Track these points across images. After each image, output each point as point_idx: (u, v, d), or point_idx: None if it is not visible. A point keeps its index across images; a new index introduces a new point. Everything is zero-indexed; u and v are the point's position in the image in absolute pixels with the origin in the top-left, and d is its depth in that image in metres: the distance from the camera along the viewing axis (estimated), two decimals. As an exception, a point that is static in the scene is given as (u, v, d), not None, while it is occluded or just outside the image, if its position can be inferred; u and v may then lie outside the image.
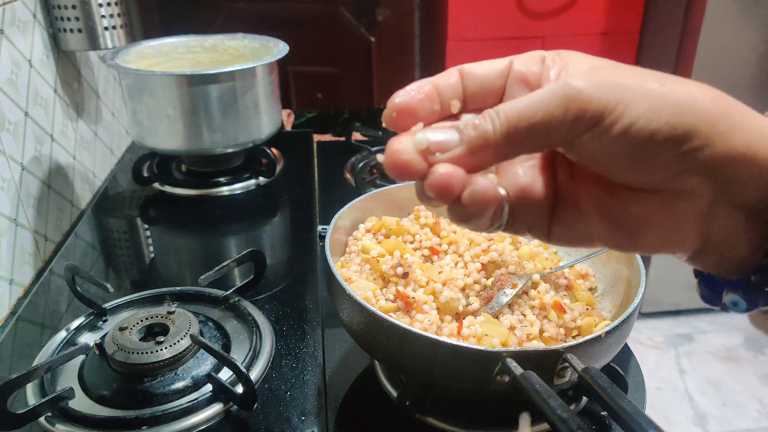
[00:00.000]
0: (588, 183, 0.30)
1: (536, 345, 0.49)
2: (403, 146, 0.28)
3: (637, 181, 0.28)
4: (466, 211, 0.28)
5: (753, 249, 0.28)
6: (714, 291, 0.30)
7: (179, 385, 0.54)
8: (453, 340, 0.45)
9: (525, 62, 0.31)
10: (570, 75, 0.28)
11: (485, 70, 0.31)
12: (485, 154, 0.27)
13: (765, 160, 0.26)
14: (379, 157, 0.30)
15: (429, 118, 0.30)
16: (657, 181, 0.27)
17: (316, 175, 1.04)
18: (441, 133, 0.28)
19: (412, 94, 0.30)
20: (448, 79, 0.30)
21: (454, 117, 0.31)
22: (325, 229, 0.57)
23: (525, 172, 0.31)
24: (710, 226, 0.28)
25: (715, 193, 0.27)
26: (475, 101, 0.31)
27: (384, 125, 0.30)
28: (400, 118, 0.30)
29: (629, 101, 0.25)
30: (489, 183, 0.28)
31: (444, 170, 0.27)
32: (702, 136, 0.25)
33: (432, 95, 0.30)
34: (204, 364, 0.56)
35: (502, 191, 0.29)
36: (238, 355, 0.58)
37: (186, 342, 0.55)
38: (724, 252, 0.29)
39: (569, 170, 0.31)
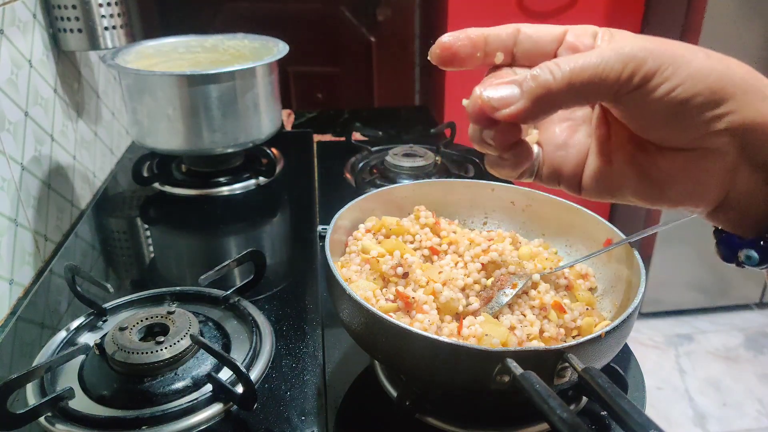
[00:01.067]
0: (621, 140, 0.34)
1: (536, 345, 0.49)
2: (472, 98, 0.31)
3: (671, 139, 0.31)
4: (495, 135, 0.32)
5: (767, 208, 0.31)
6: (731, 249, 0.33)
7: (179, 385, 0.54)
8: (453, 340, 0.45)
9: (578, 34, 0.33)
10: (625, 41, 0.31)
11: (542, 33, 0.34)
12: (545, 102, 0.30)
13: None
14: (464, 102, 0.33)
15: (470, 61, 0.33)
16: (689, 139, 0.30)
17: (316, 175, 1.04)
18: (501, 89, 0.30)
19: (459, 37, 0.33)
20: (501, 32, 0.34)
21: (497, 67, 0.34)
22: (325, 229, 0.57)
23: (562, 131, 0.35)
24: (732, 183, 0.31)
25: (739, 153, 0.30)
26: (524, 59, 0.34)
27: (429, 58, 0.33)
28: (442, 56, 0.33)
29: (677, 66, 0.29)
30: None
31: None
32: (735, 102, 0.29)
33: (478, 43, 0.33)
34: (204, 364, 0.56)
35: (536, 148, 0.34)
36: (238, 355, 0.58)
37: (186, 342, 0.55)
38: (742, 209, 0.32)
39: (604, 128, 0.35)
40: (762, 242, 0.32)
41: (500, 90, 0.30)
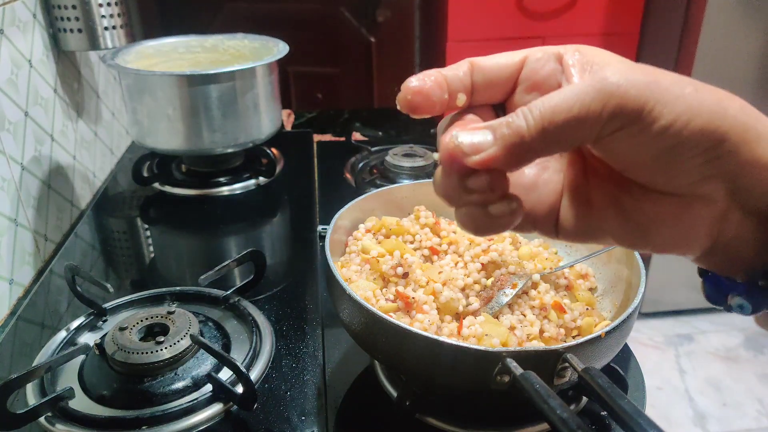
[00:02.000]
0: (601, 180, 0.30)
1: (536, 345, 0.49)
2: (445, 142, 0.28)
3: (659, 183, 0.28)
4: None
5: (760, 251, 0.28)
6: (718, 291, 0.31)
7: (179, 385, 0.54)
8: (453, 340, 0.45)
9: (539, 58, 0.30)
10: (604, 70, 0.27)
11: (496, 64, 0.31)
12: (520, 152, 0.26)
13: None
14: (435, 155, 0.31)
15: (439, 105, 0.30)
16: (679, 185, 0.27)
17: (316, 175, 1.04)
18: (474, 135, 0.27)
19: (425, 80, 0.30)
20: (457, 70, 0.30)
21: (465, 111, 0.31)
22: (325, 229, 0.57)
23: (530, 170, 0.31)
24: (721, 228, 0.28)
25: (730, 199, 0.27)
26: (482, 95, 0.31)
27: (398, 107, 0.30)
28: (414, 101, 0.30)
29: (667, 102, 0.25)
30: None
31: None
32: (731, 144, 0.26)
33: (442, 84, 0.30)
34: (204, 364, 0.56)
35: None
36: (238, 355, 0.58)
37: (186, 342, 0.55)
38: (731, 253, 0.29)
39: (581, 168, 0.31)
40: (751, 288, 0.29)
41: (473, 135, 0.27)
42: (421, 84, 0.30)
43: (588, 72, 0.28)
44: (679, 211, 0.28)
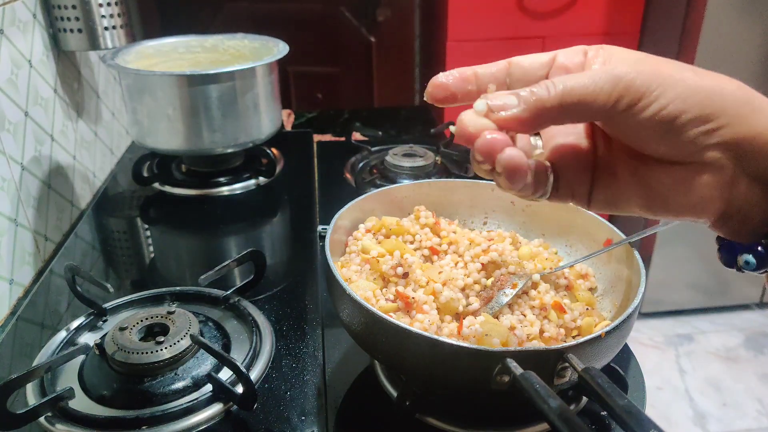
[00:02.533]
0: (624, 154, 0.35)
1: (536, 345, 0.49)
2: (467, 118, 0.33)
3: (666, 153, 0.32)
4: (501, 177, 0.33)
5: (766, 216, 0.33)
6: (731, 255, 0.35)
7: (179, 385, 0.54)
8: (453, 340, 0.45)
9: (568, 55, 0.35)
10: (618, 62, 0.33)
11: (532, 61, 0.36)
12: (539, 115, 0.31)
13: None
14: (452, 128, 0.35)
15: (465, 97, 0.36)
16: (683, 154, 0.32)
17: (316, 175, 1.04)
18: (501, 98, 0.32)
19: (451, 76, 0.35)
20: (491, 68, 0.36)
21: None
22: (325, 229, 0.57)
23: (568, 145, 0.37)
24: (731, 194, 0.33)
25: (735, 166, 0.32)
26: (520, 85, 0.35)
27: (425, 99, 0.36)
28: (436, 93, 0.35)
29: (666, 87, 0.30)
30: (518, 153, 0.32)
31: (489, 136, 0.32)
32: (726, 117, 0.30)
33: (468, 78, 0.35)
34: (204, 364, 0.56)
35: (532, 162, 0.34)
36: (238, 355, 0.58)
37: (186, 342, 0.55)
38: (742, 218, 0.33)
39: (607, 143, 0.36)
40: (759, 248, 0.34)
41: (501, 97, 0.32)
42: (446, 80, 0.35)
43: (607, 63, 0.34)
44: (690, 178, 0.32)
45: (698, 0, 1.61)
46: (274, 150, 0.99)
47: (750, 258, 0.34)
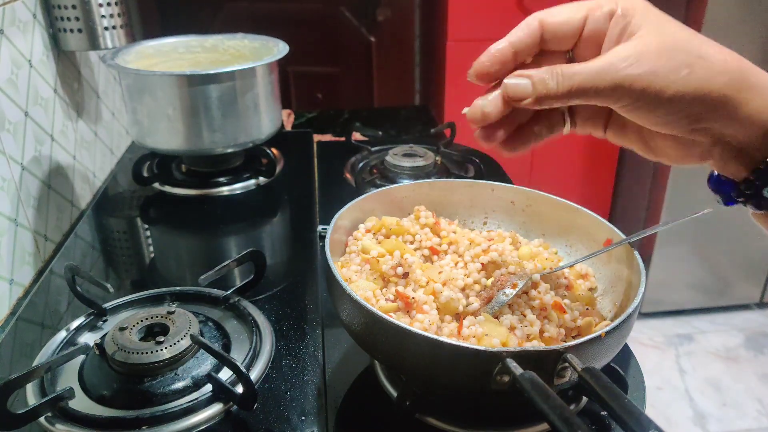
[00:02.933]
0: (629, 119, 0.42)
1: (536, 345, 0.49)
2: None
3: (663, 129, 0.39)
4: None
5: (741, 165, 0.40)
6: (716, 184, 0.42)
7: (179, 385, 0.54)
8: (453, 340, 0.45)
9: (596, 18, 0.40)
10: (622, 57, 0.37)
11: (561, 23, 0.41)
12: (547, 100, 0.39)
13: (761, 121, 0.37)
14: (465, 110, 0.42)
15: (504, 73, 0.41)
16: (675, 134, 0.39)
17: (316, 175, 1.04)
18: (519, 80, 0.40)
19: (494, 55, 0.41)
20: (527, 39, 0.41)
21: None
22: (325, 229, 0.57)
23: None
24: (711, 153, 0.40)
25: (715, 140, 0.39)
26: (552, 46, 0.42)
27: (468, 78, 0.42)
28: (481, 76, 0.42)
29: (660, 91, 0.36)
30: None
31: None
32: (713, 117, 0.37)
33: (504, 60, 0.41)
34: (204, 364, 0.56)
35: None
36: (238, 355, 0.58)
37: (186, 342, 0.55)
38: (721, 164, 0.41)
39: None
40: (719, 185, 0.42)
41: (518, 80, 0.40)
42: (486, 62, 0.41)
43: (624, 38, 0.38)
44: (679, 144, 0.41)
45: (698, 0, 1.61)
46: (274, 150, 0.99)
47: (717, 196, 0.42)
